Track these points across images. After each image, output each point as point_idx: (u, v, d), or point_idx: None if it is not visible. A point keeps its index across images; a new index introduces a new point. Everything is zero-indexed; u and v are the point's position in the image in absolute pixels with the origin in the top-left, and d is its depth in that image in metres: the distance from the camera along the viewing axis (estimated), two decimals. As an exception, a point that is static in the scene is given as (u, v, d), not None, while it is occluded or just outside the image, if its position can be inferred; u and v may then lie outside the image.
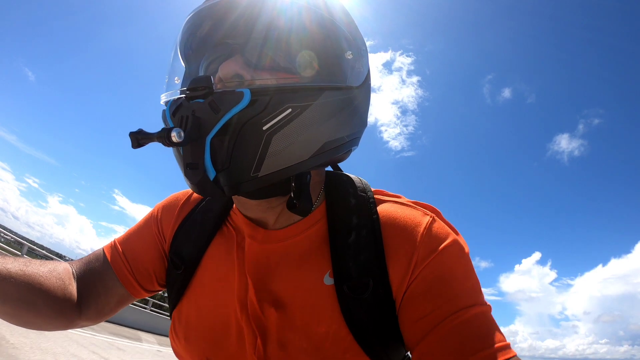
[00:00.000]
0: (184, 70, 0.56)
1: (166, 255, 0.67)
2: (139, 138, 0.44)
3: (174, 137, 0.42)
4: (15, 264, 0.56)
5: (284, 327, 0.53)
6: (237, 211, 0.61)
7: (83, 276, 0.66)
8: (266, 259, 0.56)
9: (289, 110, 0.44)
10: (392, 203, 0.57)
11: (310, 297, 0.52)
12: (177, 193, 0.73)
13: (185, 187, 0.61)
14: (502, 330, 0.49)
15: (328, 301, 0.51)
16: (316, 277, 0.52)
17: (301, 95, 0.46)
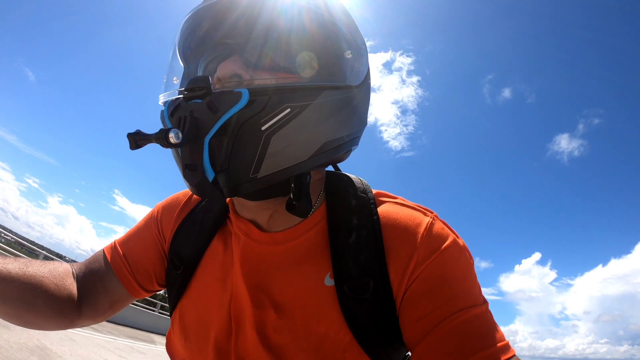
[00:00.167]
0: (183, 70, 0.56)
1: (166, 255, 0.67)
2: (137, 139, 0.44)
3: (172, 138, 0.41)
4: (15, 264, 0.56)
5: (283, 328, 0.52)
6: (237, 212, 0.61)
7: (83, 276, 0.66)
8: (266, 261, 0.56)
9: (288, 110, 0.44)
10: (393, 204, 0.56)
11: (310, 299, 0.52)
12: (177, 193, 0.73)
13: (185, 188, 0.61)
14: (502, 329, 0.49)
15: (329, 302, 0.51)
16: (317, 279, 0.52)
17: (300, 95, 0.45)
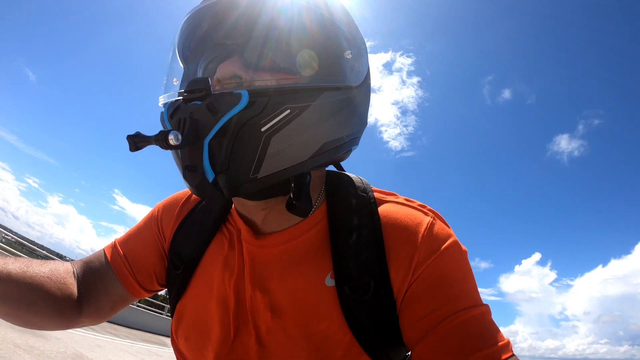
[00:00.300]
0: (183, 71, 0.56)
1: (166, 255, 0.67)
2: (137, 141, 0.44)
3: (172, 140, 0.41)
4: (15, 264, 0.56)
5: (283, 328, 0.52)
6: (237, 212, 0.61)
7: (84, 276, 0.66)
8: (266, 261, 0.56)
9: (288, 111, 0.44)
10: (393, 203, 0.56)
11: (310, 299, 0.52)
12: (178, 193, 0.72)
13: (185, 188, 0.61)
14: (502, 330, 0.49)
15: (329, 303, 0.51)
16: (317, 279, 0.52)
17: (300, 95, 0.45)
